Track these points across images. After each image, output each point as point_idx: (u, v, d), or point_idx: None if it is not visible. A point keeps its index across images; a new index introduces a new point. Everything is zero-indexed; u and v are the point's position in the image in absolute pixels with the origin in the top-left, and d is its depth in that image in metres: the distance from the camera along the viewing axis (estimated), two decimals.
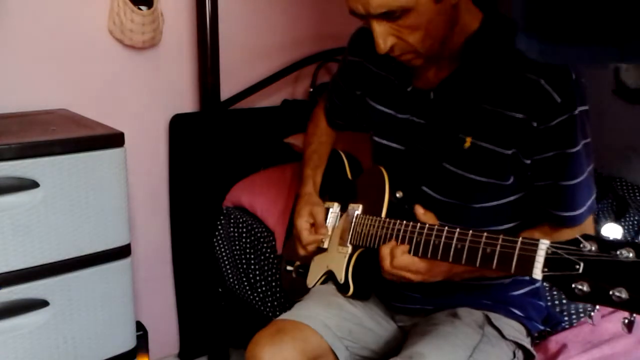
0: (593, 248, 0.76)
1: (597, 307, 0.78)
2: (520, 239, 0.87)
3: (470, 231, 0.94)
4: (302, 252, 1.33)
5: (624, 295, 0.72)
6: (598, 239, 0.76)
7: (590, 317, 0.82)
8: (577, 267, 0.77)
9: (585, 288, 0.76)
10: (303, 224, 1.31)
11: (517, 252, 0.86)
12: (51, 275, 1.35)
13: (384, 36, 1.01)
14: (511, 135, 1.04)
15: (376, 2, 0.97)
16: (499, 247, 0.89)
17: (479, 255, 0.91)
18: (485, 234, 0.92)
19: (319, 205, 1.33)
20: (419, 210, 1.05)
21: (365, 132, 1.32)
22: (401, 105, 1.19)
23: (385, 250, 1.07)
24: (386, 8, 0.97)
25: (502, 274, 1.11)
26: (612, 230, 0.81)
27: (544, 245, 0.83)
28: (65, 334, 1.40)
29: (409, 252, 1.04)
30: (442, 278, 1.07)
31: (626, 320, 0.76)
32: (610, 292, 0.74)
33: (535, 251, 0.83)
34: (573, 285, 0.77)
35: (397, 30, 1.01)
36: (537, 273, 0.82)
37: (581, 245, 0.77)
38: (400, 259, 1.04)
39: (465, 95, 1.08)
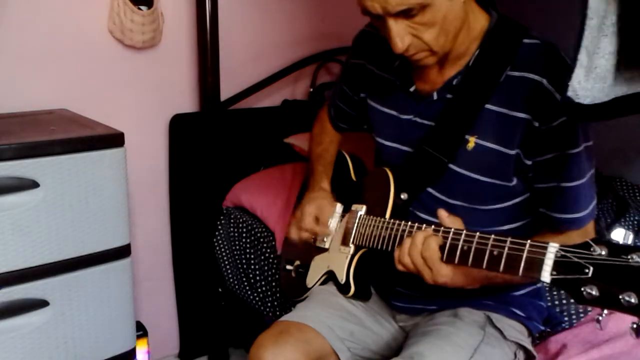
0: (603, 252, 0.75)
1: (606, 311, 0.77)
2: (529, 241, 0.86)
3: (478, 233, 0.93)
4: (294, 235, 1.33)
5: (633, 300, 0.72)
6: (608, 243, 0.76)
7: (598, 321, 0.81)
8: (587, 270, 0.76)
9: (595, 292, 0.75)
10: (311, 210, 1.30)
11: (525, 254, 0.85)
12: (51, 275, 1.35)
13: (401, 35, 1.00)
14: (514, 136, 1.04)
15: (395, 1, 0.96)
16: (506, 249, 0.88)
17: (486, 257, 0.90)
18: (492, 236, 0.91)
19: (330, 206, 1.33)
20: (443, 214, 1.00)
21: (369, 133, 1.32)
22: (404, 106, 1.19)
23: (419, 236, 0.99)
24: (405, 5, 0.96)
25: (514, 281, 1.10)
26: (622, 236, 0.80)
27: (553, 248, 0.82)
28: (65, 334, 1.40)
29: None
30: (462, 286, 1.02)
31: (634, 325, 0.75)
32: (620, 297, 0.73)
33: (544, 254, 0.82)
34: (582, 289, 0.76)
35: (413, 28, 1.00)
36: (546, 276, 0.81)
37: (591, 249, 0.76)
38: (432, 250, 0.97)
39: (468, 96, 1.08)
